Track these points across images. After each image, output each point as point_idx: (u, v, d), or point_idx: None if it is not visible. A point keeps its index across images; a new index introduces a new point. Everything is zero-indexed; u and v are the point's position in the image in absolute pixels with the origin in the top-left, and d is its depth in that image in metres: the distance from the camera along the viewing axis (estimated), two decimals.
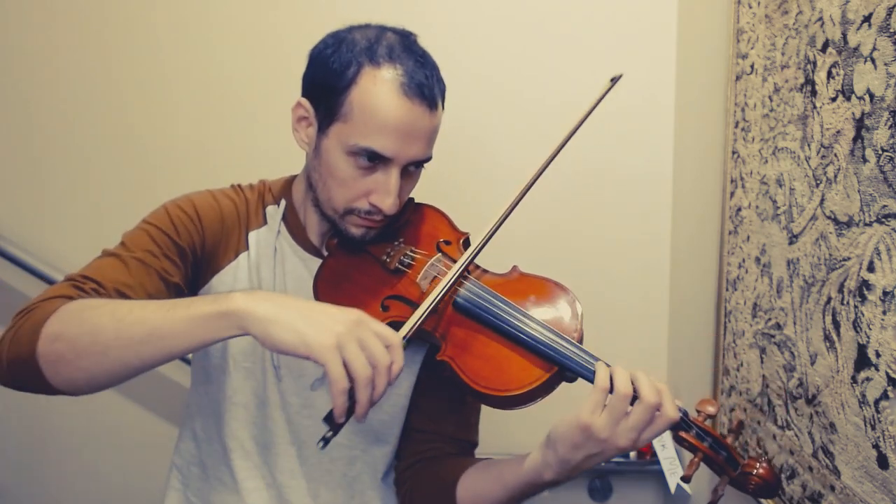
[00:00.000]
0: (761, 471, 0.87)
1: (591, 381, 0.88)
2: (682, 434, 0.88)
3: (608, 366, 0.88)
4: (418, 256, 1.06)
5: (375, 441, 1.11)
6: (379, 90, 0.96)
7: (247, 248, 1.09)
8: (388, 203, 1.00)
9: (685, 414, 0.88)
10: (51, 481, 1.85)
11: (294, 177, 1.16)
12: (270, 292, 0.85)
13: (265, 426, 1.07)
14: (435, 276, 1.02)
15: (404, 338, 0.83)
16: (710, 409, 0.90)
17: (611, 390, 0.86)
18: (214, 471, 1.10)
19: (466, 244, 1.10)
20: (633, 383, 0.85)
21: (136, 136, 1.79)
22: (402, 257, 1.05)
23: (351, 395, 0.79)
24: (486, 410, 1.18)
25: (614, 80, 1.09)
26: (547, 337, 0.92)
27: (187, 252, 1.03)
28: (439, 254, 1.06)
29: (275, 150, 1.78)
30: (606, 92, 1.08)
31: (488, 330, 0.96)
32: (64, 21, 1.77)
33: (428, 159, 1.04)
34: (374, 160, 0.98)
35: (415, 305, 0.98)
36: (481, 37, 1.77)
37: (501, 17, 1.77)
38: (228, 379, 1.08)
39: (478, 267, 1.07)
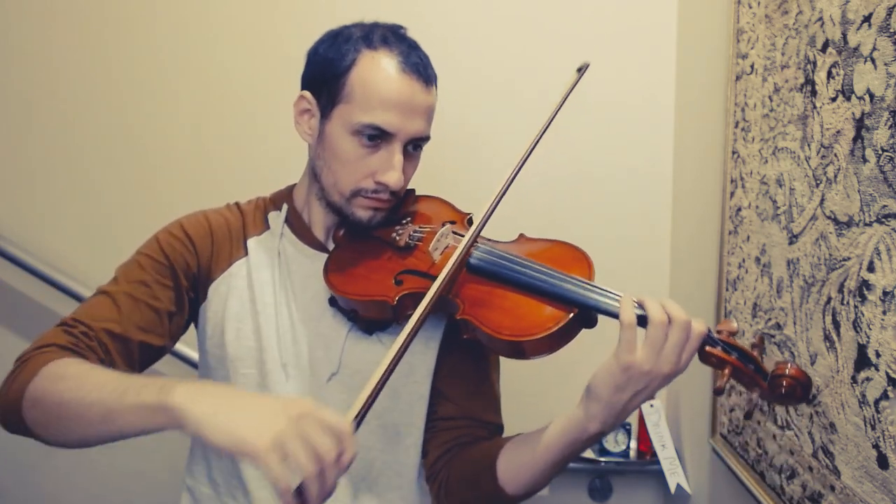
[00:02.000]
0: (792, 371, 0.85)
1: (615, 315, 0.88)
2: (709, 349, 0.87)
3: (633, 300, 0.88)
4: (427, 230, 1.09)
5: (396, 436, 1.09)
6: (377, 69, 1.02)
7: (245, 253, 1.11)
8: (394, 178, 1.03)
9: (708, 330, 0.88)
10: (51, 481, 1.85)
11: (293, 186, 1.18)
12: (216, 386, 0.81)
13: None
14: (447, 246, 1.05)
15: (356, 418, 0.78)
16: (733, 326, 0.90)
17: (639, 323, 0.86)
18: (226, 486, 1.09)
19: (470, 223, 1.12)
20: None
21: (136, 136, 1.79)
22: (411, 233, 1.08)
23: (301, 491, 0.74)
24: (506, 396, 1.18)
25: (581, 70, 1.12)
26: (562, 280, 0.93)
27: (180, 274, 1.07)
28: (448, 224, 1.09)
29: (274, 150, 1.78)
30: (576, 83, 1.10)
31: (504, 284, 0.97)
32: (64, 21, 1.77)
33: (426, 139, 1.08)
34: (377, 138, 1.02)
35: (428, 276, 1.00)
36: (481, 36, 1.77)
37: (502, 18, 1.78)
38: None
39: (486, 238, 1.08)
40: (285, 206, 1.14)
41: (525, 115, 1.78)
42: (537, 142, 1.07)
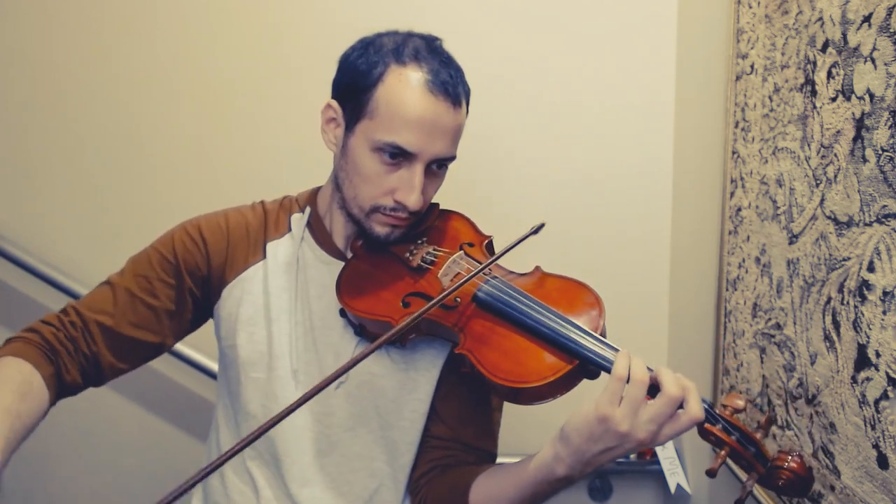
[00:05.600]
0: (793, 465, 0.82)
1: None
2: (708, 427, 0.84)
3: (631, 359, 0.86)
4: (440, 254, 1.07)
5: (396, 450, 1.09)
6: (404, 87, 0.99)
7: (262, 257, 1.11)
8: (413, 199, 1.01)
9: (710, 406, 0.85)
10: (51, 481, 1.85)
11: (319, 187, 1.18)
12: None
13: (275, 435, 1.06)
14: (457, 273, 1.03)
15: None
16: (739, 403, 0.86)
17: (628, 380, 0.83)
18: (233, 482, 1.09)
19: (489, 246, 1.11)
20: (654, 374, 0.84)
21: (136, 136, 1.79)
22: (424, 255, 1.07)
23: None
24: (504, 417, 1.17)
25: (536, 230, 1.08)
26: (568, 329, 0.90)
27: (185, 274, 1.08)
28: (461, 251, 1.07)
29: (276, 151, 1.78)
30: (526, 237, 1.05)
31: (509, 324, 0.95)
32: (63, 21, 1.77)
33: (452, 158, 1.06)
34: (399, 156, 1.00)
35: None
36: (483, 36, 1.77)
37: (505, 19, 1.77)
38: (242, 390, 1.08)
39: (500, 267, 1.07)
40: (308, 210, 1.14)
41: (528, 116, 1.79)
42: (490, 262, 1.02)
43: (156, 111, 1.79)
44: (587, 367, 0.90)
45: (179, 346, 1.71)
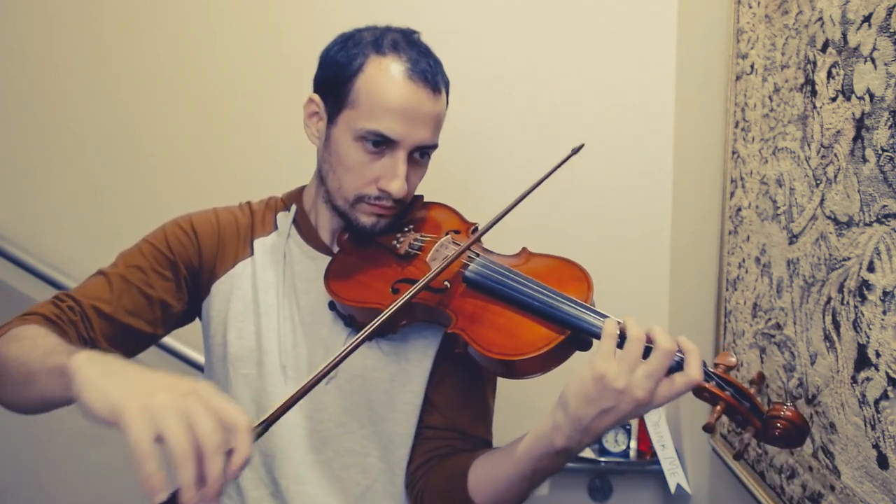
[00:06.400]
0: (788, 413, 0.82)
1: None
2: (703, 384, 0.84)
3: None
4: (428, 240, 1.08)
5: (390, 444, 1.08)
6: (385, 75, 1.01)
7: (251, 253, 1.12)
8: (397, 186, 1.02)
9: (703, 364, 0.85)
10: (51, 481, 1.85)
11: (304, 186, 1.19)
12: (113, 358, 0.73)
13: (268, 432, 1.05)
14: (445, 256, 1.03)
15: (263, 424, 0.69)
16: (731, 361, 0.87)
17: (622, 340, 0.84)
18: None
19: (475, 233, 1.11)
20: (647, 333, 0.84)
21: (136, 136, 1.79)
22: (412, 242, 1.07)
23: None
24: (499, 413, 1.17)
25: (575, 150, 1.11)
26: (558, 301, 0.91)
27: (180, 265, 1.08)
28: (448, 235, 1.08)
29: (275, 151, 1.79)
30: (567, 158, 1.09)
31: (499, 301, 0.96)
32: (63, 21, 1.77)
33: (434, 147, 1.07)
34: (382, 144, 1.01)
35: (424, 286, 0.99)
36: (483, 36, 1.77)
37: (505, 19, 1.78)
38: (232, 388, 1.08)
39: (487, 249, 1.08)
40: (294, 207, 1.15)
41: (528, 115, 1.79)
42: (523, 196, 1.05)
43: (156, 111, 1.79)
44: (579, 336, 0.90)
45: (180, 345, 1.72)
